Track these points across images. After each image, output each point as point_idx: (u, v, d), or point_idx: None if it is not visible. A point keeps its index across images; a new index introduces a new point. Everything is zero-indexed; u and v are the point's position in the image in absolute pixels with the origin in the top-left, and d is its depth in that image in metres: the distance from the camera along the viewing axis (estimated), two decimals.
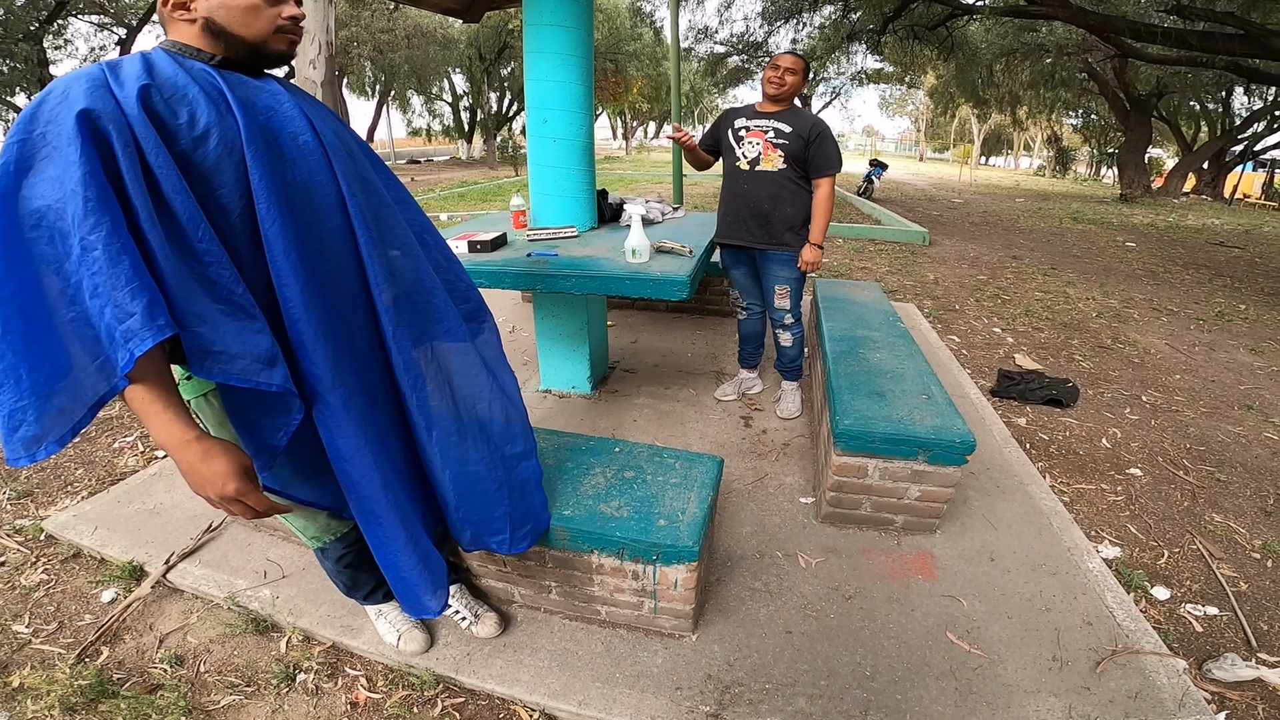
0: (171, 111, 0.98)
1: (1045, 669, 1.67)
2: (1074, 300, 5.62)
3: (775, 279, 2.76)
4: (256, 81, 1.13)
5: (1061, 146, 30.50)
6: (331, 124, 1.24)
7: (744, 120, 2.65)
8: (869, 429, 2.00)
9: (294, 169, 1.11)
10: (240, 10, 1.07)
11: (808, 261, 2.65)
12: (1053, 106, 20.14)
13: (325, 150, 1.15)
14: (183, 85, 1.01)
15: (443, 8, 3.54)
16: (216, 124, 1.01)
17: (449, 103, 26.43)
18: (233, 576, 2.00)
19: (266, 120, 1.09)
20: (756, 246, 2.72)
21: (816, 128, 2.54)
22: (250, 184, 1.04)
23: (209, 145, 1.00)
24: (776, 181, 2.60)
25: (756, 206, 2.65)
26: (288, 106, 1.13)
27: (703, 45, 16.38)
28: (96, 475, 2.70)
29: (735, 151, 2.67)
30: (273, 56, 1.14)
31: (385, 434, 1.31)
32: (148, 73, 0.99)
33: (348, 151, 1.24)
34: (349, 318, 1.22)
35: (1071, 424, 3.16)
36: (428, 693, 1.64)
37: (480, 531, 1.52)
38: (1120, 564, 2.16)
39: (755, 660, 1.68)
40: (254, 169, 1.03)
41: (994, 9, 10.38)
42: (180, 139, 0.99)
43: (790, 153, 2.55)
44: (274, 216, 1.05)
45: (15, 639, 1.84)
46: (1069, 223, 11.02)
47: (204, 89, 1.02)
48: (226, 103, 1.03)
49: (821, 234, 2.63)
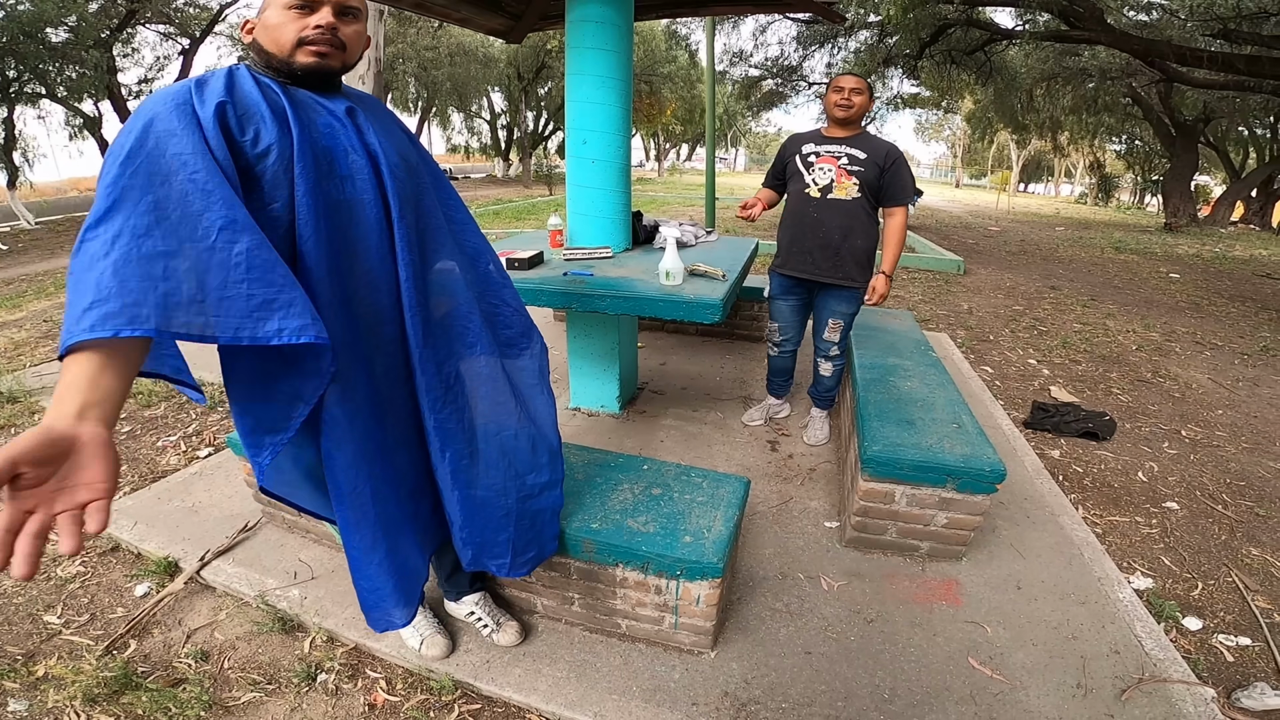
0: (241, 128, 1.06)
1: (1069, 696, 1.66)
2: (1114, 332, 5.50)
3: (831, 313, 2.69)
4: (324, 99, 1.18)
5: (1104, 173, 29.90)
6: (397, 141, 1.28)
7: (813, 146, 2.57)
8: (897, 455, 2.01)
9: (341, 187, 1.15)
10: (271, 27, 1.12)
11: (878, 292, 2.57)
12: (1095, 132, 19.78)
13: (377, 170, 1.20)
14: (254, 103, 1.08)
15: (487, 28, 3.63)
16: (276, 141, 1.07)
17: (487, 120, 27.04)
18: (264, 576, 2.06)
19: (323, 138, 1.14)
20: (820, 280, 2.64)
21: (892, 154, 2.44)
22: (295, 200, 1.09)
23: (268, 161, 1.07)
24: (849, 211, 2.51)
25: (826, 237, 2.55)
26: (347, 125, 1.17)
27: (737, 68, 16.54)
28: (139, 472, 2.82)
29: (804, 177, 2.57)
30: (302, 72, 1.14)
31: (390, 449, 1.34)
32: (228, 90, 1.07)
33: (408, 170, 1.27)
34: (374, 334, 1.25)
35: (1107, 457, 3.10)
36: (445, 698, 1.66)
37: (481, 553, 1.53)
38: (1152, 595, 2.13)
39: (773, 679, 1.69)
40: (299, 184, 1.09)
41: (1034, 34, 10.28)
42: (246, 154, 1.06)
43: (865, 180, 2.47)
44: (310, 231, 1.10)
45: (46, 629, 1.91)
46: (1111, 252, 10.79)
47: (271, 106, 1.09)
48: (287, 121, 1.09)
49: (893, 265, 2.57)
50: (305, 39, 1.11)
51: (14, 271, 8.72)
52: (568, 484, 1.83)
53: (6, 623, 1.93)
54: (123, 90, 14.46)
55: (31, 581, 2.09)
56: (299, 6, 1.10)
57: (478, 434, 1.43)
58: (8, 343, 4.85)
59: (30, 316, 5.75)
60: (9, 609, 1.99)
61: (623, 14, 2.67)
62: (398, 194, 1.22)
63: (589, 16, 2.61)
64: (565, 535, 1.66)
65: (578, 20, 2.64)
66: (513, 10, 3.46)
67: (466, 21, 3.48)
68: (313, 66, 1.13)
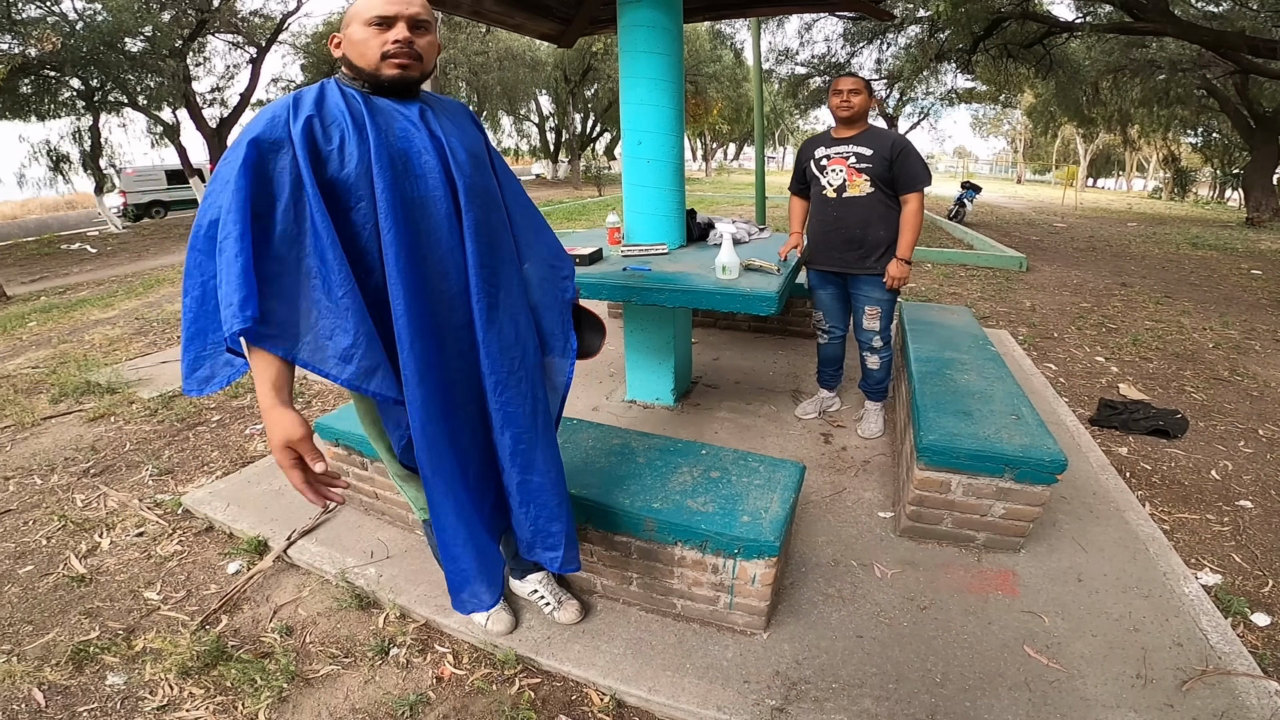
0: (327, 138, 1.20)
1: (1128, 686, 1.65)
2: (1188, 330, 5.26)
3: (867, 300, 2.75)
4: (400, 105, 1.30)
5: (1180, 167, 28.29)
6: (468, 139, 1.39)
7: (823, 149, 2.69)
8: (954, 445, 2.02)
9: (415, 185, 1.28)
10: (356, 43, 1.25)
11: (894, 277, 2.64)
12: (1168, 125, 18.73)
13: (448, 168, 1.31)
14: (339, 114, 1.22)
15: (538, 33, 3.75)
16: (356, 148, 1.21)
17: (535, 123, 27.47)
18: (344, 554, 2.19)
19: (399, 142, 1.27)
20: (849, 271, 2.74)
21: (898, 145, 2.55)
22: (376, 199, 1.22)
23: (350, 166, 1.21)
24: (866, 206, 2.62)
25: (848, 233, 2.67)
26: (420, 128, 1.29)
27: (784, 66, 16.40)
28: (230, 458, 3.05)
29: (820, 180, 2.70)
30: (387, 83, 1.27)
31: (458, 431, 1.42)
32: (317, 105, 1.21)
33: (476, 166, 1.37)
34: (445, 320, 1.35)
35: (1178, 455, 3.00)
36: (508, 671, 1.75)
37: (535, 542, 1.59)
38: (1220, 591, 2.07)
39: (824, 660, 1.72)
40: (378, 183, 1.21)
41: (1095, 26, 9.88)
42: (330, 162, 1.20)
43: (875, 175, 2.57)
44: (390, 225, 1.22)
45: (146, 605, 2.07)
46: (1187, 249, 10.25)
47: (353, 116, 1.22)
48: (365, 129, 1.22)
49: (909, 250, 2.62)
50: (388, 53, 1.23)
51: (104, 273, 9.39)
52: (629, 466, 1.92)
53: (109, 599, 2.11)
54: (198, 98, 15.30)
55: (134, 560, 2.31)
56: (378, 23, 1.22)
57: (538, 421, 1.50)
58: (103, 339, 5.26)
59: (123, 315, 6.20)
60: (112, 586, 2.17)
61: (673, 18, 2.75)
62: (465, 189, 1.33)
63: (640, 21, 2.71)
64: (627, 514, 1.74)
65: (630, 25, 2.74)
66: (563, 15, 3.57)
67: (519, 27, 3.61)
68: (397, 78, 1.26)
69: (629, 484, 1.84)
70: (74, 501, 2.70)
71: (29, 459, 3.09)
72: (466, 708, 1.65)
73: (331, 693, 1.70)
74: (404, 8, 1.23)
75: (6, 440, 3.32)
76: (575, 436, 2.12)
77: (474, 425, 1.47)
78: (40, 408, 3.70)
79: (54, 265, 10.44)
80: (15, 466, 3.02)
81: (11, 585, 2.18)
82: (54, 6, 11.44)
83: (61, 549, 2.38)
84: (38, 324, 6.11)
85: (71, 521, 2.53)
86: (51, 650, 1.88)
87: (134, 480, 2.87)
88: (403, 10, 1.23)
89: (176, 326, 5.55)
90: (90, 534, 2.46)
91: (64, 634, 1.95)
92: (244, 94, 16.03)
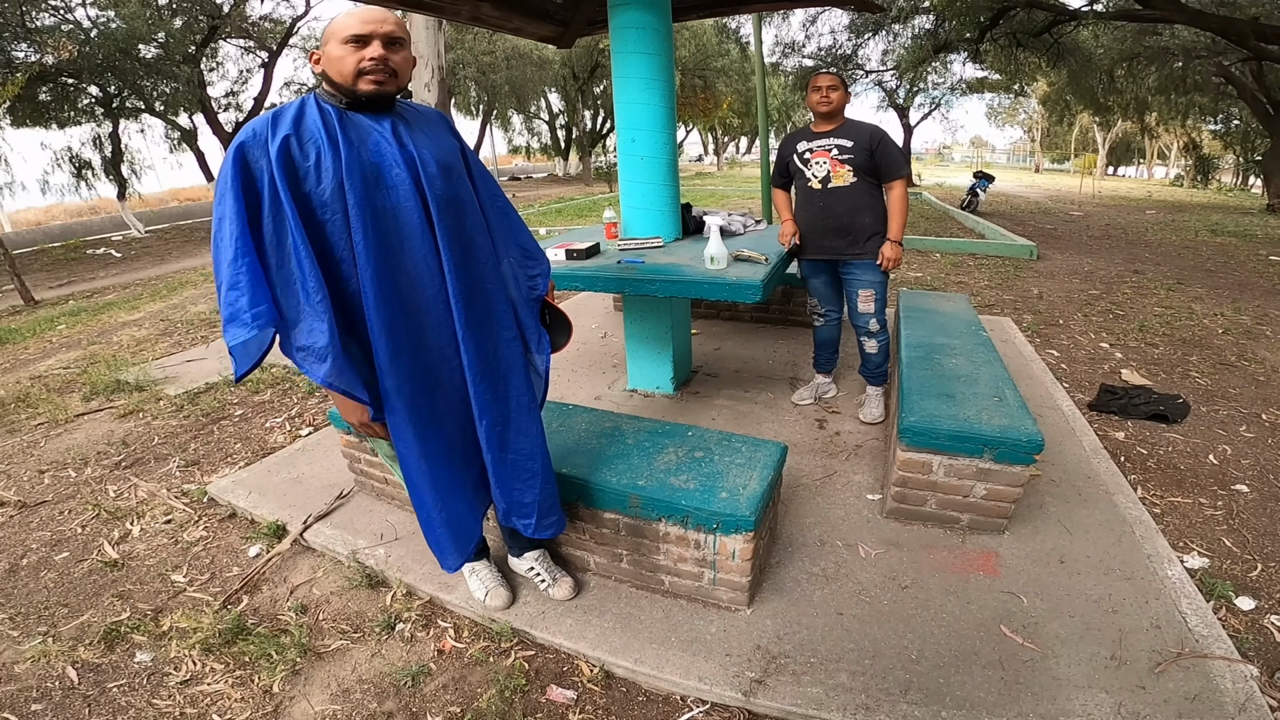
0: (304, 155, 1.30)
1: (1101, 667, 1.67)
2: (1199, 316, 5.22)
3: (859, 284, 2.83)
4: (373, 121, 1.39)
5: (1201, 154, 27.71)
6: (439, 150, 1.47)
7: (805, 143, 2.79)
8: (934, 426, 2.07)
9: (386, 196, 1.37)
10: (334, 60, 1.34)
11: (888, 258, 2.72)
12: (1186, 112, 18.35)
13: (418, 180, 1.40)
14: (316, 131, 1.32)
15: (538, 35, 3.81)
16: (331, 164, 1.31)
17: (545, 121, 27.52)
18: (355, 537, 2.30)
19: (372, 156, 1.36)
20: (841, 257, 2.83)
21: (876, 135, 2.66)
22: (348, 211, 1.32)
23: (325, 181, 1.31)
24: (851, 195, 2.72)
25: (836, 221, 2.77)
26: (391, 142, 1.38)
27: (791, 60, 16.31)
28: (251, 449, 3.18)
29: (805, 173, 2.80)
30: (364, 98, 1.36)
31: (439, 417, 1.56)
32: (295, 123, 1.31)
33: (446, 175, 1.46)
34: (422, 320, 1.47)
35: (1176, 439, 3.01)
36: (504, 644, 1.85)
37: (511, 511, 1.74)
38: (1205, 574, 2.09)
39: (804, 636, 1.79)
40: (350, 197, 1.32)
41: (1102, 14, 9.75)
42: (308, 179, 1.31)
43: (858, 165, 2.68)
44: (361, 236, 1.33)
45: (172, 587, 2.20)
46: (1205, 235, 10.08)
47: (328, 133, 1.32)
48: (338, 145, 1.31)
49: (900, 231, 2.72)
50: (364, 70, 1.31)
51: (129, 277, 9.64)
52: (618, 447, 2.01)
53: (139, 582, 2.23)
54: (213, 103, 15.56)
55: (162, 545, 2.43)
56: (354, 41, 1.31)
57: (510, 405, 1.63)
58: (130, 339, 5.45)
59: (148, 316, 6.40)
60: (142, 570, 2.30)
61: (661, 18, 2.82)
62: (435, 199, 1.42)
63: (630, 23, 2.79)
64: (613, 492, 1.82)
65: (620, 27, 2.82)
66: (561, 18, 3.64)
67: (519, 30, 3.68)
68: (373, 93, 1.34)
69: (617, 463, 1.92)
70: (106, 492, 2.85)
71: (63, 453, 3.25)
72: (465, 678, 1.74)
73: (340, 665, 1.80)
74: (378, 26, 1.32)
75: (41, 436, 3.48)
76: (570, 421, 2.21)
77: (458, 413, 1.60)
78: (73, 405, 3.87)
79: (80, 270, 10.72)
80: (50, 460, 3.17)
81: (48, 571, 2.32)
82: (68, 15, 11.70)
83: (95, 536, 2.51)
84: (67, 327, 6.32)
85: (105, 511, 2.67)
86: (85, 631, 1.99)
87: (162, 471, 3.01)
88: (377, 29, 1.32)
89: (201, 327, 5.73)
90: (122, 522, 2.59)
91: (97, 615, 2.07)
92: (258, 98, 16.28)
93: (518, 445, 1.66)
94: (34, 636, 1.98)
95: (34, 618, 2.07)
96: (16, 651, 1.92)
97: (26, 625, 2.04)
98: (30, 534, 2.56)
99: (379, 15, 1.33)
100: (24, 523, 2.65)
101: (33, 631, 2.01)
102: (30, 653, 1.89)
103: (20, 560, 2.39)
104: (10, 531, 2.59)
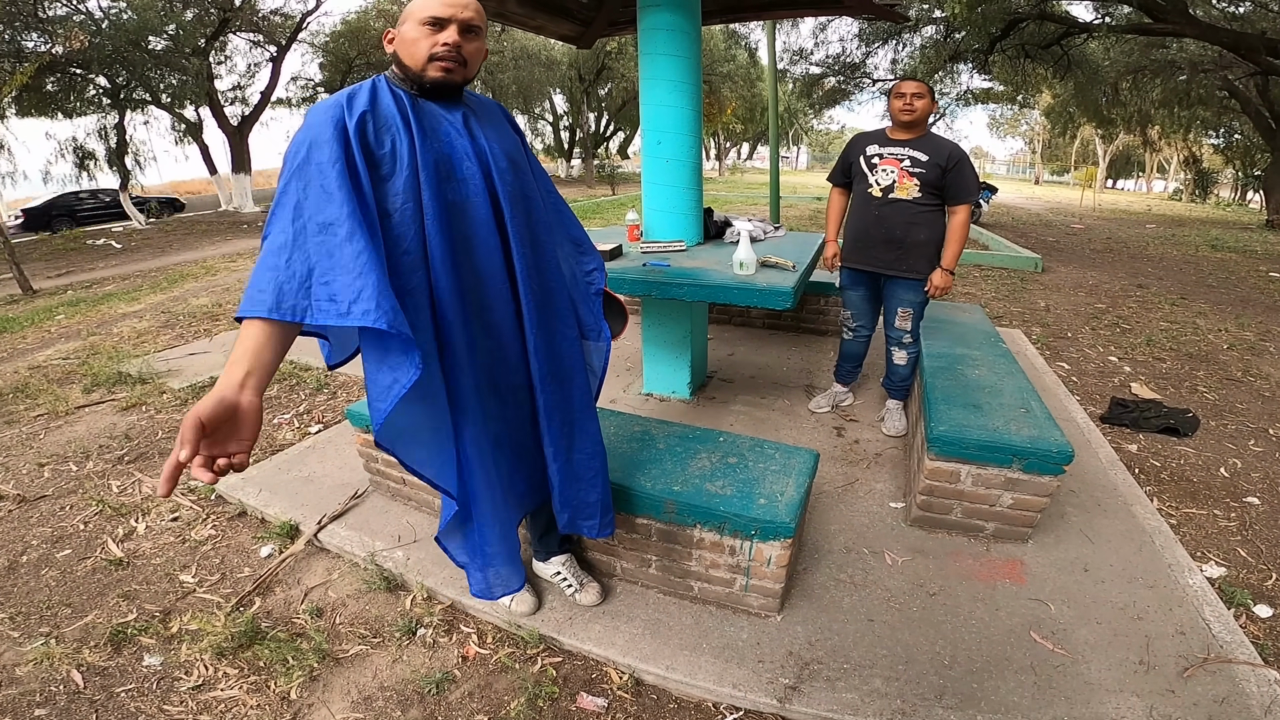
0: (379, 142, 1.23)
1: (1130, 671, 1.69)
2: (1203, 331, 5.26)
3: (900, 302, 2.77)
4: (445, 109, 1.34)
5: (1201, 168, 27.90)
6: (507, 144, 1.43)
7: (876, 147, 2.67)
8: (963, 435, 2.07)
9: (457, 190, 1.32)
10: (408, 42, 1.27)
11: (938, 286, 2.66)
12: (1189, 126, 18.51)
13: (488, 174, 1.36)
14: (390, 115, 1.25)
15: (559, 35, 3.80)
16: (407, 152, 1.25)
17: (550, 122, 27.50)
18: (372, 538, 2.25)
19: (444, 147, 1.31)
20: (885, 272, 2.75)
21: (955, 155, 2.52)
22: (421, 202, 1.27)
23: (401, 169, 1.25)
24: (911, 209, 2.62)
25: (889, 234, 2.67)
26: (463, 134, 1.34)
27: (798, 66, 16.31)
28: (260, 445, 3.10)
29: (869, 178, 2.69)
30: (431, 85, 1.30)
31: (491, 418, 1.49)
32: (371, 103, 1.24)
33: (515, 170, 1.42)
34: (481, 318, 1.42)
35: (1188, 452, 3.03)
36: (530, 650, 1.81)
37: (576, 515, 1.70)
38: (1224, 583, 2.11)
39: (836, 642, 1.78)
40: (424, 189, 1.26)
41: (1113, 27, 9.82)
42: (382, 165, 1.24)
43: (927, 180, 2.56)
44: (434, 228, 1.28)
45: (181, 587, 2.12)
46: (1205, 250, 10.17)
47: (403, 118, 1.26)
48: (412, 134, 1.26)
49: (954, 261, 2.64)
50: (435, 55, 1.25)
51: (129, 268, 9.59)
52: (649, 452, 1.99)
53: (146, 582, 2.16)
54: (220, 97, 15.50)
55: (170, 544, 2.36)
56: (431, 24, 1.25)
57: (575, 405, 1.60)
58: (131, 331, 5.40)
59: (149, 308, 6.35)
60: (148, 569, 2.22)
61: (691, 21, 2.81)
62: (506, 194, 1.38)
63: (660, 25, 2.77)
64: (648, 497, 1.81)
65: (649, 28, 2.80)
66: (583, 18, 3.63)
67: (541, 28, 3.66)
68: (440, 80, 1.28)
69: (650, 468, 1.90)
70: (110, 487, 2.78)
71: (64, 446, 3.18)
72: (491, 685, 1.71)
73: (361, 671, 1.76)
74: (459, 11, 1.26)
75: (40, 428, 3.42)
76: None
77: (510, 416, 1.55)
78: (73, 397, 3.80)
79: (80, 260, 10.66)
80: (50, 453, 3.10)
81: (50, 569, 2.24)
82: (80, 5, 11.65)
83: (99, 533, 2.44)
84: (66, 317, 6.27)
85: (109, 506, 2.59)
86: (90, 632, 1.93)
87: None
88: (457, 14, 1.26)
89: (203, 320, 5.68)
90: (126, 519, 2.52)
91: (102, 616, 2.00)
92: (264, 92, 16.24)
93: (582, 445, 1.64)
94: (36, 637, 1.90)
95: (35, 618, 2.00)
96: (18, 653, 1.85)
97: (28, 625, 1.97)
98: (30, 529, 2.48)
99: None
100: (23, 518, 2.57)
101: (35, 632, 1.93)
102: (32, 654, 1.82)
103: (20, 557, 2.31)
104: (9, 527, 2.51)
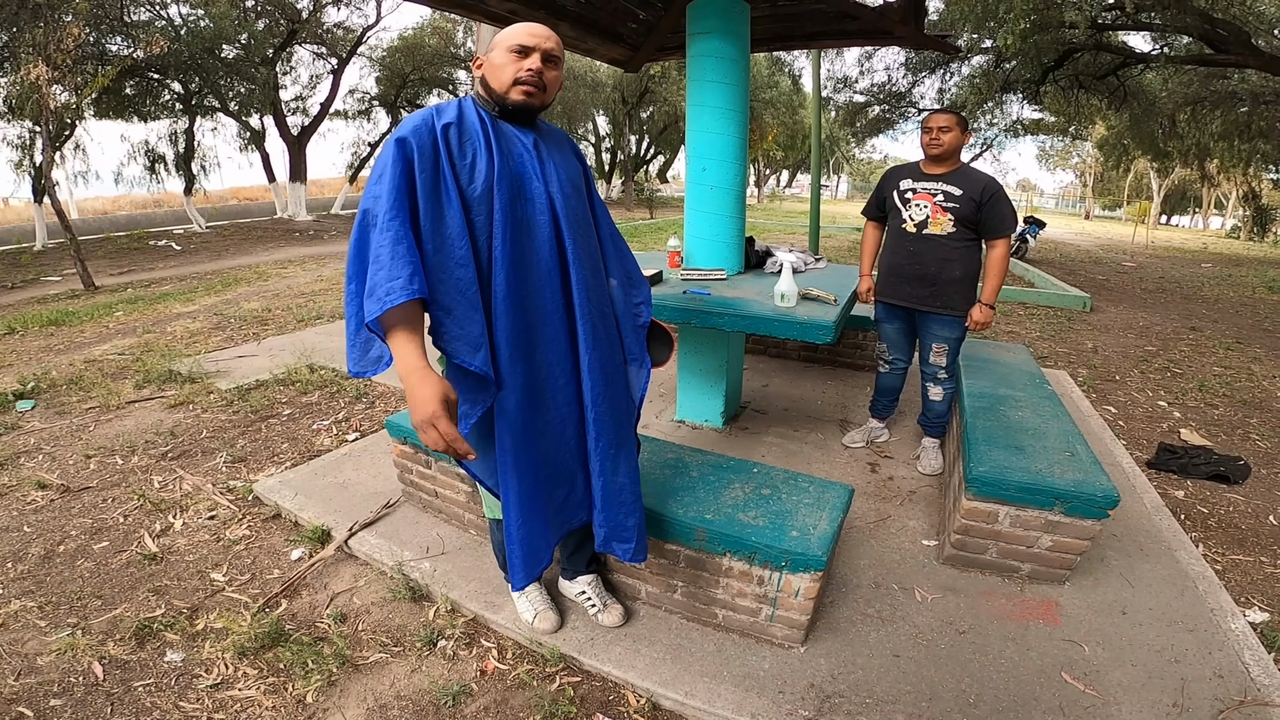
0: (461, 152, 1.36)
1: (1163, 713, 1.65)
2: (1259, 377, 5.05)
3: (935, 337, 2.73)
4: (519, 132, 1.46)
5: (1260, 204, 26.87)
6: (570, 170, 1.54)
7: (910, 182, 2.64)
8: (1003, 477, 2.04)
9: (524, 208, 1.43)
10: (496, 67, 1.41)
11: (978, 322, 2.61)
12: (1249, 160, 17.83)
13: (551, 195, 1.46)
14: (475, 131, 1.38)
15: (608, 58, 3.88)
16: (485, 167, 1.36)
17: (592, 143, 27.83)
18: (401, 548, 2.28)
19: (516, 165, 1.42)
20: (919, 308, 2.71)
21: (990, 189, 2.47)
22: (493, 215, 1.37)
23: (478, 182, 1.36)
24: (945, 245, 2.58)
25: (923, 270, 2.63)
26: (533, 156, 1.44)
27: (842, 94, 16.23)
28: (298, 450, 3.18)
29: (902, 214, 2.66)
30: (513, 107, 1.42)
31: (538, 433, 1.54)
32: (458, 116, 1.38)
33: (577, 196, 1.53)
34: (536, 332, 1.48)
35: (1237, 500, 2.92)
36: (549, 669, 1.80)
37: (612, 536, 1.69)
38: (1266, 627, 2.04)
39: (859, 676, 1.75)
40: (497, 203, 1.37)
41: (1172, 58, 9.55)
42: (463, 176, 1.36)
43: (961, 216, 2.52)
44: (500, 242, 1.38)
45: (211, 585, 2.15)
46: (1263, 292, 9.79)
47: (485, 135, 1.38)
48: (491, 150, 1.37)
49: (994, 295, 2.59)
50: (520, 79, 1.38)
51: (186, 270, 9.99)
52: (682, 479, 2.01)
53: (177, 578, 2.20)
54: (283, 106, 16.11)
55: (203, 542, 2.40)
56: (518, 51, 1.39)
57: (621, 427, 1.64)
58: (184, 331, 5.61)
59: (203, 310, 6.60)
60: (181, 566, 2.26)
61: (740, 49, 2.85)
62: (568, 217, 1.48)
63: (708, 52, 2.81)
64: (679, 524, 1.81)
65: (698, 55, 2.84)
66: (632, 42, 3.71)
67: (591, 51, 3.75)
68: (520, 104, 1.41)
69: (682, 495, 1.91)
70: (152, 482, 2.83)
71: (112, 439, 3.27)
72: (507, 701, 1.69)
73: (379, 679, 1.76)
74: (542, 41, 1.40)
75: (91, 420, 3.53)
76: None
77: (559, 433, 1.58)
78: (125, 391, 3.94)
79: (141, 260, 11.14)
80: (98, 446, 3.19)
81: (85, 560, 2.28)
82: (163, 10, 12.28)
83: (136, 527, 2.48)
84: (124, 313, 6.54)
85: (149, 501, 2.64)
86: (117, 625, 1.95)
87: (209, 466, 3.02)
88: (541, 43, 1.40)
89: (253, 324, 5.88)
90: (165, 514, 2.57)
91: (130, 610, 2.02)
92: (324, 104, 16.81)
93: (625, 468, 1.66)
94: (63, 628, 1.93)
95: (65, 608, 2.03)
96: (42, 642, 1.87)
97: (56, 616, 1.99)
98: (70, 520, 2.53)
99: (545, 32, 1.42)
100: (65, 508, 2.62)
101: (62, 623, 1.96)
102: (57, 645, 1.85)
103: (57, 546, 2.36)
104: (50, 516, 2.56)
